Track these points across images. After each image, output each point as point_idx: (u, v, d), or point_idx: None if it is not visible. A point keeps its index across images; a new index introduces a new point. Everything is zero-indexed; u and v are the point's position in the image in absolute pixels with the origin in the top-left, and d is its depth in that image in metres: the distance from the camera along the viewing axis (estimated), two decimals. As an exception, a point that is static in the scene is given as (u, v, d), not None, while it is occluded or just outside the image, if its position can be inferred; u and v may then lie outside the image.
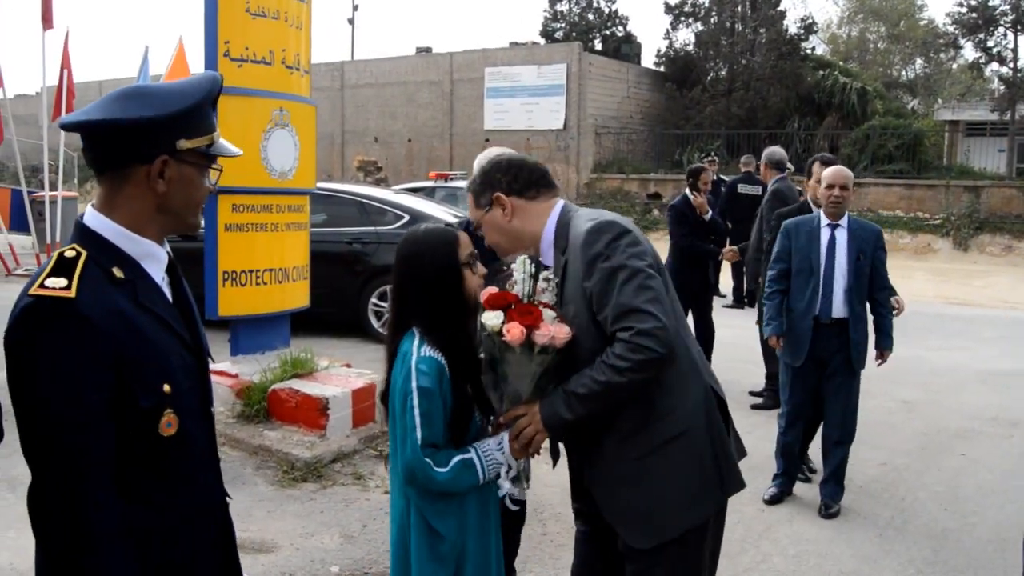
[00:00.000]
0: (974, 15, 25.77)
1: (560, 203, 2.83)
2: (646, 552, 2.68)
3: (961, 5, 26.03)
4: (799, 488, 5.70)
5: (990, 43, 26.24)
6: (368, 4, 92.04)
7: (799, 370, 5.48)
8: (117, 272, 1.92)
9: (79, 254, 1.88)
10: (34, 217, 16.71)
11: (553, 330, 2.57)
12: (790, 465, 5.66)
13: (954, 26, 27.11)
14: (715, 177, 14.39)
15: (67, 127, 1.96)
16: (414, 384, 2.57)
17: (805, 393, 5.54)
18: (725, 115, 29.00)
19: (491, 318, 2.61)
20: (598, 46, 36.53)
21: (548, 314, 2.63)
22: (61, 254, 1.88)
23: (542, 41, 36.20)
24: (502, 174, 2.84)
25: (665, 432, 2.64)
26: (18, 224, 17.94)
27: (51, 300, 1.79)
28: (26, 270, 15.91)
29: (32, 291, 1.81)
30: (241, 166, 6.24)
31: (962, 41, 27.98)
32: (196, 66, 14.82)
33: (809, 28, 32.42)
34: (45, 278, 1.83)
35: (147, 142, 1.93)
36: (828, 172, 5.53)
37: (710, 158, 16.36)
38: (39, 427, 1.81)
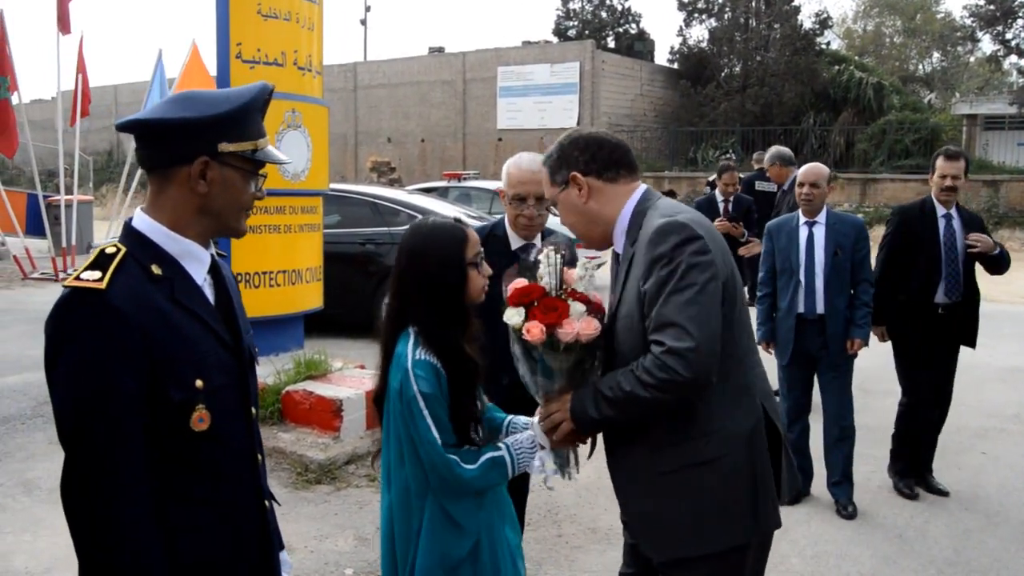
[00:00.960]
0: (992, 7, 25.63)
1: (641, 188, 2.64)
2: (665, 564, 2.59)
3: (978, -3, 25.89)
4: (817, 488, 5.64)
5: (1008, 35, 26.12)
6: (380, 5, 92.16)
7: (789, 368, 5.59)
8: (155, 269, 1.98)
9: (119, 250, 1.95)
10: (50, 221, 16.79)
11: (579, 327, 2.45)
12: (802, 463, 5.61)
13: (971, 19, 27.03)
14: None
15: (121, 127, 2.04)
16: (415, 389, 2.51)
17: (799, 390, 5.62)
18: (739, 112, 28.92)
19: (512, 316, 2.52)
20: (611, 44, 36.49)
21: (577, 308, 2.49)
22: (102, 250, 1.96)
23: (555, 39, 36.18)
24: (580, 152, 2.64)
25: (699, 454, 2.46)
26: (34, 228, 18.04)
27: (83, 291, 1.86)
28: (42, 274, 15.98)
29: (67, 283, 1.89)
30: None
31: (980, 34, 27.86)
32: (211, 68, 14.91)
33: (824, 23, 32.30)
34: (82, 271, 1.90)
35: (188, 143, 1.98)
36: (800, 170, 5.65)
37: (727, 156, 16.19)
38: (70, 417, 1.85)
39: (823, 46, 32.02)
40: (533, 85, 29.93)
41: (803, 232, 5.51)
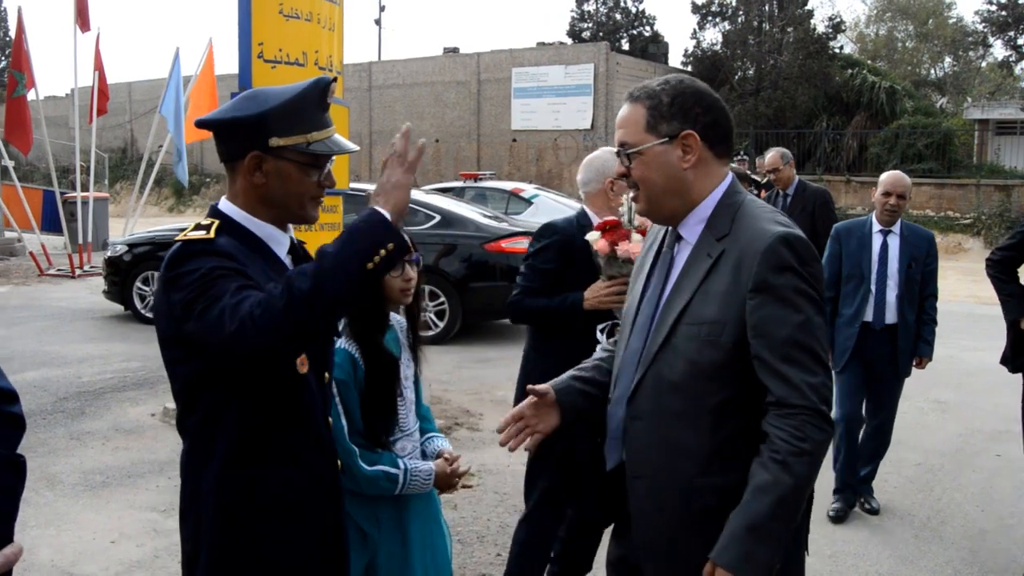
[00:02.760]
0: (1004, 13, 25.57)
1: (730, 176, 2.31)
2: None
3: (991, 3, 25.92)
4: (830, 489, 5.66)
5: (1020, 41, 26.04)
6: (395, 5, 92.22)
7: (846, 376, 5.38)
8: (241, 245, 2.14)
9: (212, 222, 2.14)
10: (66, 217, 16.89)
11: (631, 247, 3.28)
12: (851, 477, 5.48)
13: (983, 24, 26.95)
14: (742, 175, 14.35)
15: (197, 125, 2.23)
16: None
17: (856, 399, 5.44)
18: (753, 115, 28.89)
19: (592, 235, 3.44)
20: (625, 46, 36.52)
21: (636, 237, 3.31)
22: (197, 223, 2.15)
23: (569, 41, 36.23)
24: (703, 111, 2.25)
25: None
26: (50, 224, 18.17)
27: (193, 241, 2.08)
28: (59, 270, 16.09)
29: (178, 238, 2.10)
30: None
31: (992, 39, 27.78)
32: (223, 67, 15.01)
33: (837, 27, 32.25)
34: (189, 232, 2.12)
35: (241, 139, 2.15)
36: (886, 177, 5.37)
37: (740, 157, 16.14)
38: (195, 308, 1.95)
39: (836, 50, 31.97)
40: (547, 86, 29.95)
41: (877, 240, 5.36)
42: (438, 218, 10.27)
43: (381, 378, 2.78)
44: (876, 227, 5.37)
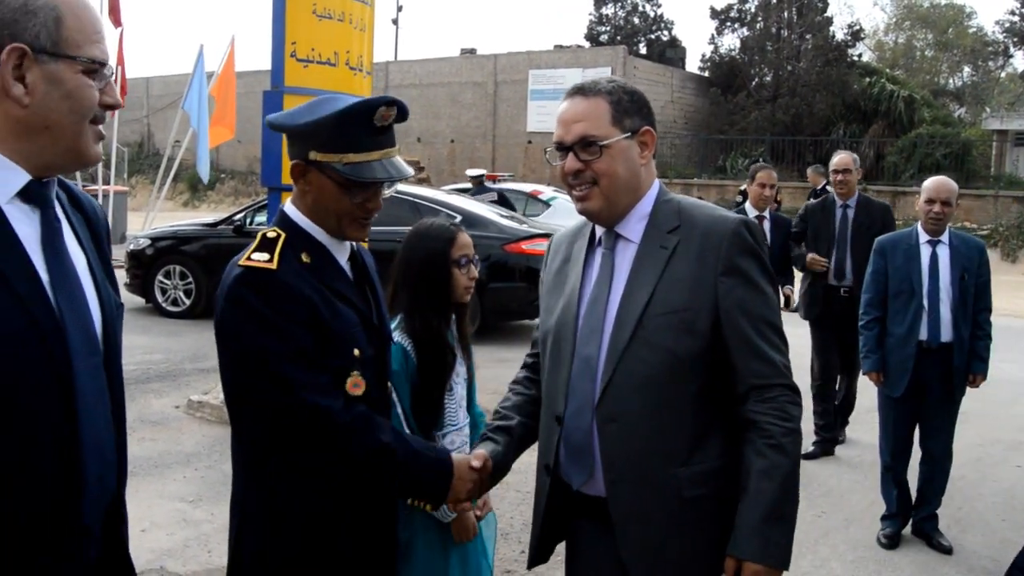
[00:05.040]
0: (1025, 24, 25.49)
1: (657, 179, 2.35)
2: None
3: (1012, 13, 25.80)
4: (855, 494, 5.71)
5: (1042, 52, 25.93)
6: (412, 5, 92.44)
7: (900, 400, 5.07)
8: (304, 257, 2.17)
9: (279, 235, 2.15)
10: (87, 210, 16.99)
11: None
12: (903, 502, 5.18)
13: (1004, 34, 26.84)
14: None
15: (270, 125, 2.27)
16: None
17: (908, 425, 5.14)
18: (770, 121, 28.92)
19: None
20: (643, 50, 36.56)
21: None
22: (264, 234, 2.17)
23: (587, 44, 36.27)
24: (649, 110, 2.30)
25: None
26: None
27: (256, 269, 2.10)
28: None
29: (241, 262, 2.12)
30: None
31: (1012, 50, 27.69)
32: (243, 63, 15.12)
33: (856, 35, 32.28)
34: (251, 252, 2.13)
35: (291, 144, 2.20)
36: (929, 184, 5.08)
37: (760, 163, 15.98)
38: (251, 366, 2.08)
39: (855, 58, 31.94)
40: (564, 89, 29.00)
41: (925, 252, 5.03)
42: (459, 218, 10.28)
43: (434, 371, 2.82)
44: (923, 237, 5.07)
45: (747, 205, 6.76)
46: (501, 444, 2.44)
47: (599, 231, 2.34)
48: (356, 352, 2.17)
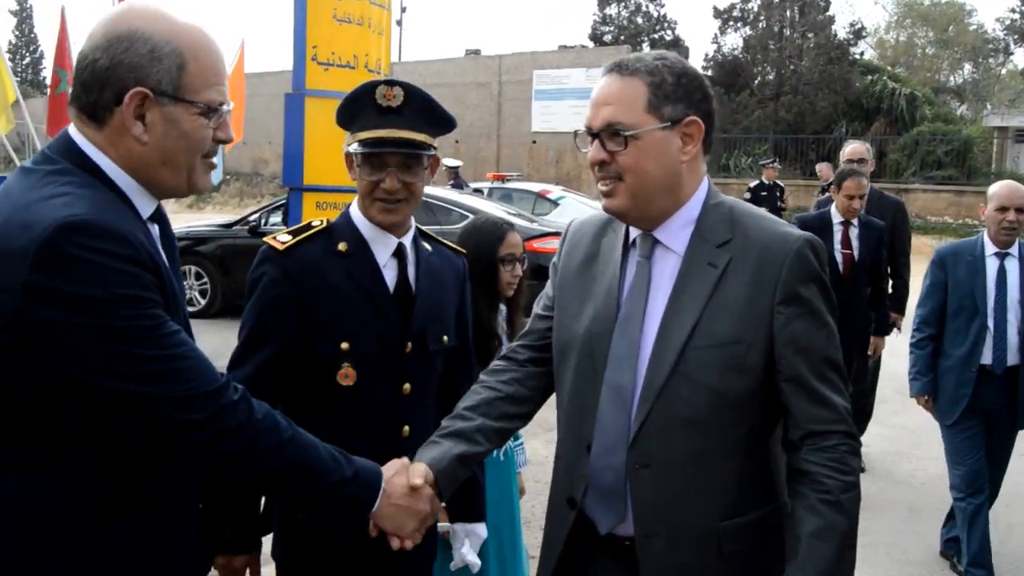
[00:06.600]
0: (1026, 21, 25.62)
1: (707, 176, 2.04)
2: None
3: (1013, 11, 25.94)
4: (863, 487, 5.84)
5: (1042, 49, 26.06)
6: (416, 6, 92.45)
7: (961, 431, 4.54)
8: (342, 246, 2.37)
9: (321, 223, 2.40)
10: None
11: None
12: (986, 548, 4.52)
13: (1004, 31, 26.97)
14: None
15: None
16: None
17: (978, 453, 4.54)
18: (773, 119, 29.10)
19: None
20: (647, 50, 36.61)
21: None
22: (310, 222, 2.41)
23: (591, 44, 36.41)
24: (703, 96, 1.95)
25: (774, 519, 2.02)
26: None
27: (268, 247, 2.36)
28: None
29: (266, 239, 2.39)
30: (325, 166, 6.54)
31: (1013, 47, 27.82)
32: (251, 66, 15.30)
33: (858, 33, 32.41)
34: (284, 233, 2.39)
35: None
36: (1001, 189, 4.49)
37: (772, 162, 15.78)
38: (240, 332, 2.38)
39: (856, 56, 32.09)
40: (568, 89, 30.12)
41: (992, 265, 4.46)
42: (472, 217, 10.50)
43: (478, 357, 2.91)
44: (990, 249, 4.49)
45: (833, 208, 5.90)
46: (451, 452, 2.07)
47: (633, 232, 2.03)
48: (344, 345, 2.31)
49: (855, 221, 5.78)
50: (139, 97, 1.70)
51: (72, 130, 1.75)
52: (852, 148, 6.70)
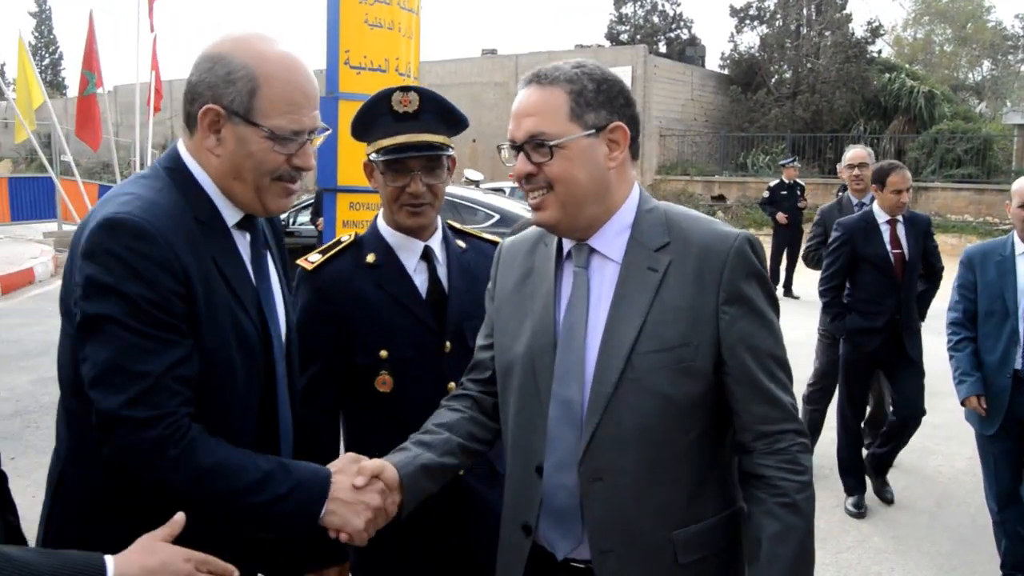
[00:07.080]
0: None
1: (637, 184, 2.01)
2: None
3: (1033, 8, 25.78)
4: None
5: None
6: (433, 6, 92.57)
7: (1000, 440, 4.38)
8: (370, 257, 2.46)
9: (350, 238, 2.49)
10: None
11: None
12: (1019, 554, 4.45)
13: (1023, 28, 26.84)
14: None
15: None
16: None
17: (1013, 466, 4.40)
18: (790, 118, 29.11)
19: None
20: (663, 49, 36.76)
21: None
22: (339, 239, 2.50)
23: (607, 44, 36.52)
24: (626, 101, 1.93)
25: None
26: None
27: (301, 269, 2.47)
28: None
29: (299, 261, 2.48)
30: (358, 167, 6.65)
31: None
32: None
33: (876, 31, 32.32)
34: (315, 253, 2.50)
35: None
36: (1023, 186, 4.33)
37: (792, 162, 15.42)
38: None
39: (874, 54, 32.04)
40: (584, 88, 30.26)
41: (1022, 264, 4.30)
42: (497, 217, 10.62)
43: None
44: (1020, 248, 4.34)
45: (876, 206, 5.61)
46: (418, 460, 2.02)
47: (567, 243, 1.99)
48: (383, 353, 2.41)
49: (900, 217, 5.50)
50: (212, 113, 1.86)
51: (180, 139, 1.96)
52: (853, 153, 6.63)
